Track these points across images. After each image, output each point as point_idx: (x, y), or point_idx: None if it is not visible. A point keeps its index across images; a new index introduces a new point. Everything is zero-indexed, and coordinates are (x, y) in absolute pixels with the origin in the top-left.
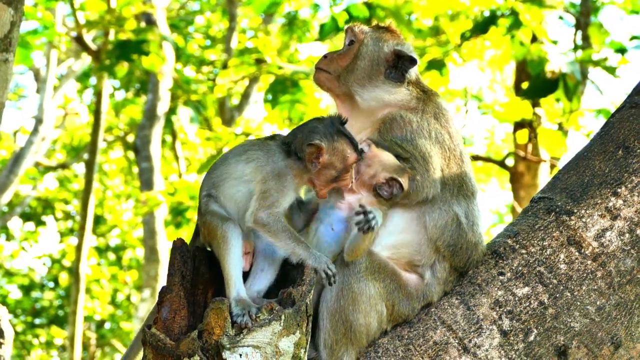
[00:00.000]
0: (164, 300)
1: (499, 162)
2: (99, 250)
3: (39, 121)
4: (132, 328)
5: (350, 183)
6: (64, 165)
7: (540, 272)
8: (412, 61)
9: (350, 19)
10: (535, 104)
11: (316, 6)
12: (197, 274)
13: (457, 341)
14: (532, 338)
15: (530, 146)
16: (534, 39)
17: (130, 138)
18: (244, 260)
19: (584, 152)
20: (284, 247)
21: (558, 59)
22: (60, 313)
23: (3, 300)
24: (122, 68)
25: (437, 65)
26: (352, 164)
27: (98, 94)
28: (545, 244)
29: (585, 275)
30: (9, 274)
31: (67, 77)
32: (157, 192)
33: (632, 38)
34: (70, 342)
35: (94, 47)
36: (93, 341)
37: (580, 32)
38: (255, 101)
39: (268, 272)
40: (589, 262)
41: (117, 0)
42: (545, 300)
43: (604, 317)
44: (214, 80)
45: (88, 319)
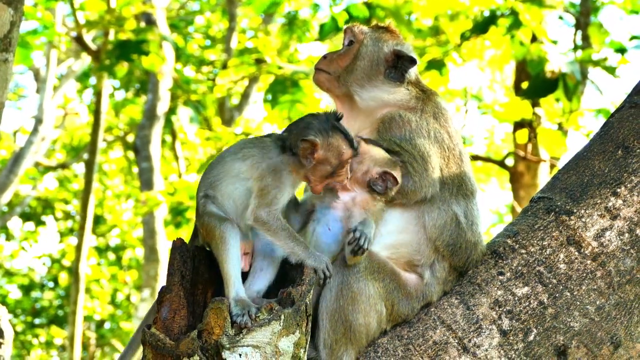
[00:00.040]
0: (163, 300)
1: (498, 162)
2: (99, 250)
3: (38, 121)
4: (132, 328)
5: (345, 179)
6: (63, 165)
7: (540, 272)
8: (411, 61)
9: (350, 19)
10: (535, 104)
11: (316, 6)
12: (196, 274)
13: (456, 341)
14: (531, 338)
15: (530, 146)
16: (534, 38)
17: (130, 138)
18: (243, 260)
19: (583, 152)
20: (283, 246)
21: (558, 59)
22: (60, 313)
23: (3, 300)
24: (122, 68)
25: (437, 65)
26: (347, 160)
27: (98, 94)
28: (545, 243)
29: (584, 275)
30: (8, 274)
31: (67, 77)
32: (156, 192)
33: (632, 38)
34: (70, 342)
35: (93, 47)
36: (93, 341)
37: (580, 32)
38: (255, 101)
39: (267, 271)
40: (589, 261)
41: (117, 0)
42: (545, 300)
43: (603, 316)
44: (213, 80)
45: (88, 318)
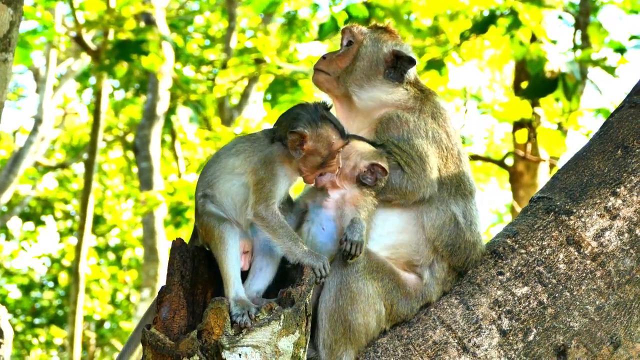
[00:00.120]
0: (163, 300)
1: (498, 162)
2: (99, 250)
3: (38, 121)
4: (131, 328)
5: (337, 169)
6: (63, 165)
7: (540, 272)
8: (410, 61)
9: (349, 19)
10: (535, 104)
11: (315, 6)
12: (196, 274)
13: (456, 341)
14: (531, 338)
15: (529, 146)
16: (534, 38)
17: (130, 138)
18: (243, 260)
19: (583, 152)
20: (281, 244)
21: (557, 59)
22: (60, 313)
23: (3, 300)
24: (122, 68)
25: (437, 65)
26: (338, 150)
27: (97, 94)
28: (545, 243)
29: (584, 275)
30: (8, 274)
31: (66, 76)
32: (156, 192)
33: (632, 38)
34: (70, 342)
35: (93, 46)
36: (93, 341)
37: (579, 31)
38: (254, 101)
39: (267, 271)
40: (588, 261)
41: (117, 0)
42: (545, 300)
43: (603, 316)
44: (213, 80)
45: (88, 318)
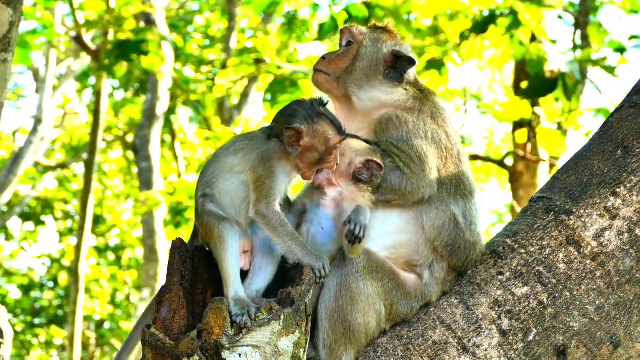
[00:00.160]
0: (163, 300)
1: (498, 162)
2: (99, 250)
3: (38, 121)
4: (131, 328)
5: (335, 165)
6: (63, 165)
7: (540, 272)
8: (410, 62)
9: (349, 19)
10: (535, 104)
11: (315, 6)
12: (196, 274)
13: (456, 341)
14: (531, 338)
15: (529, 146)
16: (533, 38)
17: (130, 138)
18: (243, 259)
19: (583, 152)
20: (281, 243)
21: (557, 59)
22: (60, 313)
23: (2, 300)
24: (122, 68)
25: (436, 64)
26: (335, 145)
27: (97, 94)
28: (545, 243)
29: (584, 274)
30: (8, 274)
31: (66, 76)
32: (156, 192)
33: (631, 37)
34: (70, 342)
35: (93, 46)
36: (92, 341)
37: (579, 31)
38: (254, 101)
39: (267, 270)
40: (588, 261)
41: (117, 0)
42: (545, 300)
43: (603, 316)
44: (213, 80)
45: (87, 318)
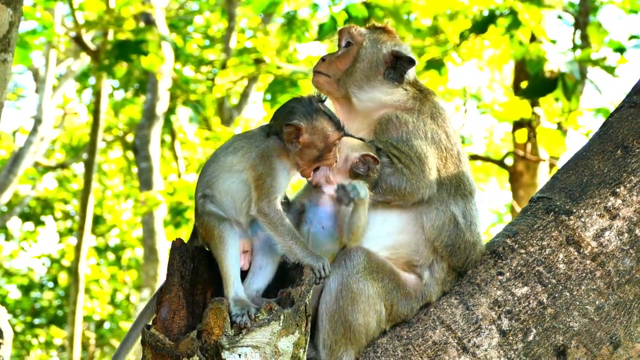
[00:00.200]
0: (163, 300)
1: (498, 162)
2: (98, 250)
3: (38, 121)
4: None
5: (334, 162)
6: (63, 165)
7: (539, 272)
8: (410, 62)
9: (349, 19)
10: (534, 104)
11: (315, 6)
12: (196, 274)
13: (456, 341)
14: (531, 338)
15: (529, 145)
16: (533, 38)
17: (130, 138)
18: (243, 259)
19: (582, 152)
20: (282, 242)
21: (557, 59)
22: (60, 313)
23: (2, 300)
24: (121, 68)
25: (436, 64)
26: (334, 142)
27: (97, 94)
28: (544, 243)
29: (584, 275)
30: (8, 274)
31: (66, 77)
32: (156, 192)
33: (631, 37)
34: (70, 342)
35: (93, 47)
36: (92, 341)
37: (579, 31)
38: (254, 101)
39: (266, 270)
40: (588, 261)
41: (116, 1)
42: (544, 300)
43: (603, 316)
44: (213, 80)
45: (87, 319)
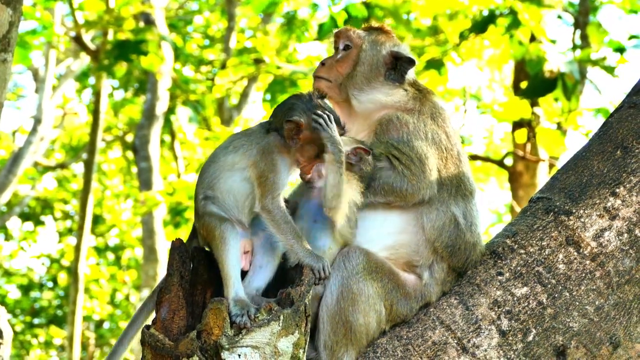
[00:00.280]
0: (162, 301)
1: (497, 162)
2: (98, 250)
3: (37, 121)
4: None
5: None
6: (62, 165)
7: (539, 272)
8: (410, 62)
9: (348, 19)
10: (534, 104)
11: (315, 6)
12: (195, 274)
13: (455, 341)
14: (530, 338)
15: (529, 145)
16: (533, 38)
17: (129, 138)
18: (244, 259)
19: (582, 152)
20: (284, 240)
21: (557, 59)
22: (59, 313)
23: (2, 300)
24: (121, 68)
25: (436, 64)
26: None
27: (97, 94)
28: (544, 244)
29: (583, 275)
30: (7, 274)
31: (65, 76)
32: (155, 192)
33: (631, 37)
34: (69, 342)
35: (92, 47)
36: (92, 341)
37: (579, 31)
38: (254, 101)
39: (267, 269)
40: (588, 262)
41: (116, 0)
42: (544, 300)
43: (602, 317)
44: (212, 80)
45: (87, 318)
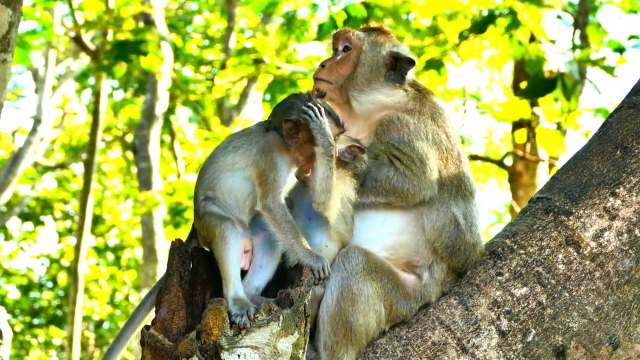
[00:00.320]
0: (162, 301)
1: (497, 162)
2: (98, 250)
3: (37, 121)
4: None
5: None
6: (62, 165)
7: (539, 273)
8: (410, 62)
9: (348, 19)
10: (534, 104)
11: (314, 6)
12: (195, 275)
13: (455, 341)
14: (530, 338)
15: (528, 146)
16: (532, 38)
17: (129, 138)
18: (244, 259)
19: (582, 152)
20: (285, 240)
21: (556, 59)
22: (59, 313)
23: (1, 300)
24: (121, 68)
25: (436, 64)
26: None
27: (96, 94)
28: (544, 244)
29: (583, 275)
30: (7, 274)
31: (65, 77)
32: (155, 192)
33: (630, 37)
34: (69, 342)
35: (92, 47)
36: (92, 341)
37: (578, 31)
38: (253, 101)
39: (267, 268)
40: (587, 262)
41: (116, 1)
42: (544, 301)
43: (602, 317)
44: (212, 80)
45: (87, 318)
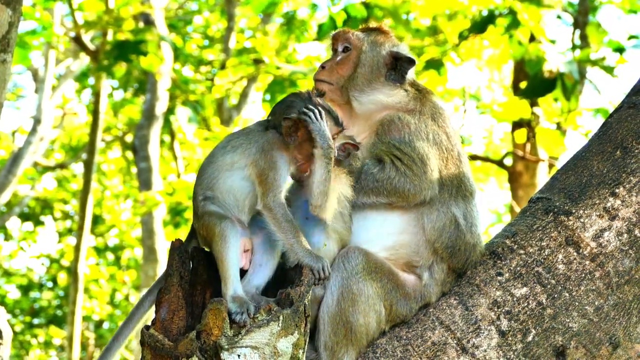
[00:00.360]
0: (162, 301)
1: (497, 162)
2: (98, 250)
3: (37, 121)
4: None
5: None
6: (62, 165)
7: (539, 273)
8: (410, 62)
9: (348, 19)
10: (534, 104)
11: (314, 6)
12: (195, 275)
13: (455, 341)
14: (530, 338)
15: (528, 146)
16: (532, 38)
17: (129, 138)
18: (243, 258)
19: (582, 153)
20: (285, 239)
21: (556, 59)
22: (59, 313)
23: (1, 300)
24: (121, 68)
25: (435, 64)
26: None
27: (96, 94)
28: (544, 244)
29: (583, 275)
30: (7, 274)
31: (65, 77)
32: (155, 192)
33: (630, 37)
34: (69, 342)
35: (92, 47)
36: (92, 341)
37: (578, 31)
38: (253, 101)
39: (267, 267)
40: (587, 262)
41: (116, 1)
42: (544, 301)
43: (602, 317)
44: (212, 80)
45: (86, 318)
